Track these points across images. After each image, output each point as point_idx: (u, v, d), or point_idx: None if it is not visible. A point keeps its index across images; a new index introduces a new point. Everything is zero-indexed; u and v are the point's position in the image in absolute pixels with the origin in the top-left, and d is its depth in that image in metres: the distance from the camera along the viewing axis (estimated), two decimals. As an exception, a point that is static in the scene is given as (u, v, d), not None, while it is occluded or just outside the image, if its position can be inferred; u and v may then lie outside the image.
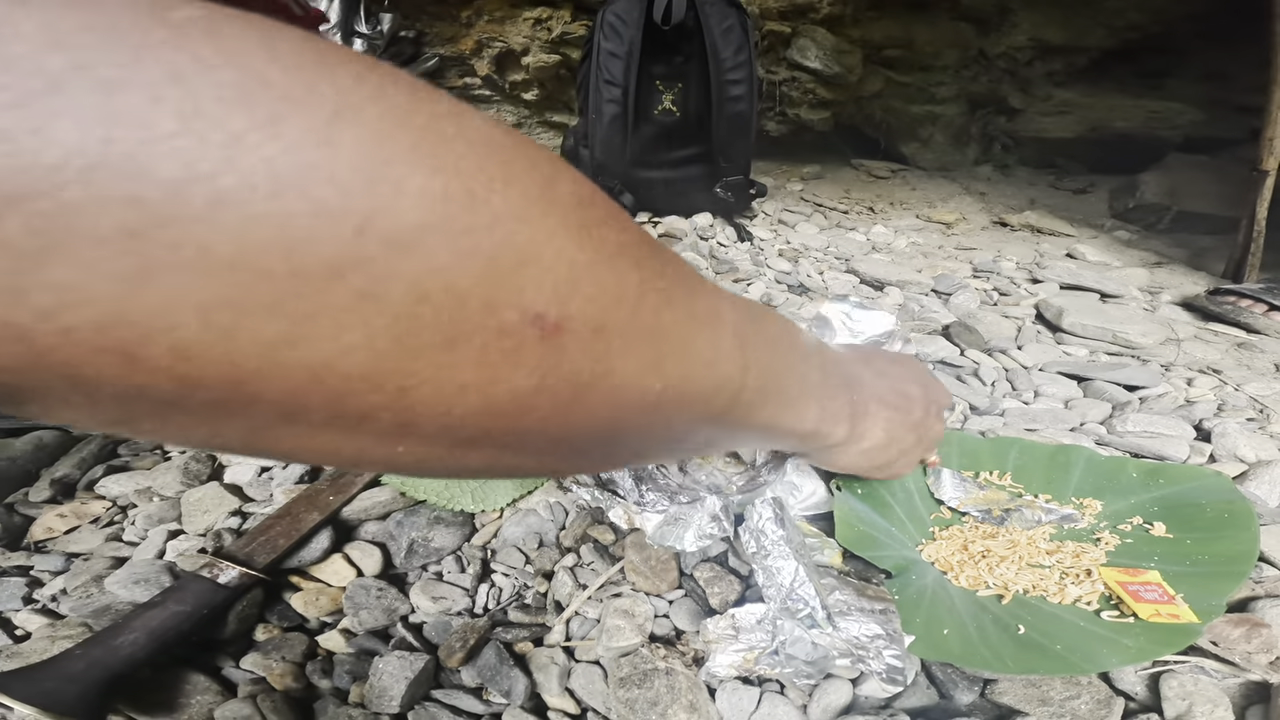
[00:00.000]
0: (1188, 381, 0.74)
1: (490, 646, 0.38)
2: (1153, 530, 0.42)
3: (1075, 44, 1.79)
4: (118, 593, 0.41)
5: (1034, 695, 0.34)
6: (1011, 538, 0.41)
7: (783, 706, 0.35)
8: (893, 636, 0.32)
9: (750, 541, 0.37)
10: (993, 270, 1.10)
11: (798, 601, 0.33)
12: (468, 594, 0.42)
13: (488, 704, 0.36)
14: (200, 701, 0.35)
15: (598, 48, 1.05)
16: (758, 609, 0.36)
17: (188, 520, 0.47)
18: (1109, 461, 0.49)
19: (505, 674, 0.37)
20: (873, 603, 0.34)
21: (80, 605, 0.40)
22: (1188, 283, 1.15)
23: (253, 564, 0.41)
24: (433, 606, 0.41)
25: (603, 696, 0.36)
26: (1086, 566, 0.39)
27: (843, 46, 1.69)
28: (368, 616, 0.40)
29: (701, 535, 0.40)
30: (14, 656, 0.37)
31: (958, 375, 0.71)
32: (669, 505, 0.43)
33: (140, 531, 0.47)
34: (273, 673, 0.37)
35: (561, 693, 0.37)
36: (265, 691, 0.36)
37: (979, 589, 0.38)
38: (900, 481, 0.46)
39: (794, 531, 0.37)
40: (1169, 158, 1.67)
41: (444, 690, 0.37)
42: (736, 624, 0.36)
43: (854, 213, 1.48)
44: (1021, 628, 0.35)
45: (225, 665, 0.38)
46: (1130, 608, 0.35)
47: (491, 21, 1.60)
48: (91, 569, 0.43)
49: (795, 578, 0.34)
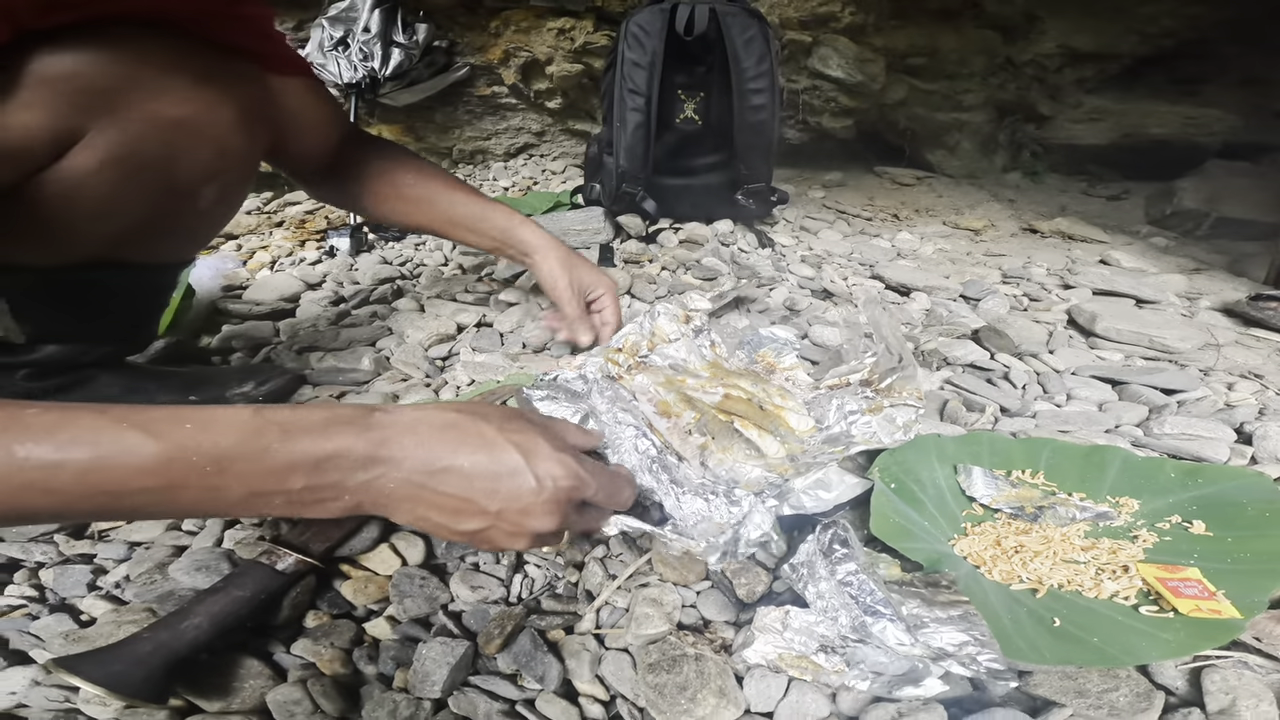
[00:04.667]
0: (1228, 386, 0.73)
1: (525, 634, 0.39)
2: (1192, 529, 0.42)
3: (1107, 51, 1.77)
4: (180, 579, 0.43)
5: (1070, 687, 0.34)
6: (1045, 534, 0.41)
7: (811, 695, 0.35)
8: (983, 640, 0.32)
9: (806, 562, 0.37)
10: (1023, 276, 1.09)
11: (874, 616, 0.33)
12: (503, 584, 0.44)
13: (522, 689, 0.37)
14: (253, 685, 0.37)
15: (621, 57, 1.08)
16: (809, 616, 0.36)
17: (242, 511, 0.49)
18: (1146, 462, 0.49)
19: (539, 660, 0.38)
20: (947, 609, 0.34)
21: (144, 591, 0.43)
22: (1228, 289, 1.12)
23: (309, 551, 0.42)
24: (471, 595, 0.42)
25: (631, 683, 0.37)
26: (1123, 563, 0.39)
27: (865, 55, 1.69)
28: (412, 605, 0.41)
29: (749, 544, 0.40)
30: (80, 641, 0.39)
31: (988, 378, 0.71)
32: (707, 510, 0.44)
33: (198, 521, 0.49)
34: (322, 658, 0.38)
35: (592, 679, 0.38)
36: (315, 676, 0.37)
37: (1012, 583, 0.38)
38: (931, 478, 0.46)
39: (860, 550, 0.37)
40: (1207, 164, 1.63)
41: (481, 676, 0.38)
42: (788, 621, 0.36)
43: (878, 220, 1.48)
44: (1057, 620, 0.35)
45: (277, 651, 0.39)
46: (1170, 603, 0.35)
47: (518, 31, 1.64)
48: (154, 557, 0.45)
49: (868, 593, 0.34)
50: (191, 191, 0.57)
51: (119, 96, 0.48)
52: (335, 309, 0.91)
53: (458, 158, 1.94)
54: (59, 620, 0.42)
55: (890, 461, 0.46)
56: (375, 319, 0.86)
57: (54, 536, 0.49)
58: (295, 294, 0.97)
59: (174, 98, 0.50)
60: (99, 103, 0.47)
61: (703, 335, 0.68)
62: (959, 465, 0.48)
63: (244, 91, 0.55)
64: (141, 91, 0.48)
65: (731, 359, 0.67)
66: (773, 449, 0.49)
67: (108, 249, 0.55)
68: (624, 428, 0.49)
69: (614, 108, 1.11)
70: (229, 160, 0.57)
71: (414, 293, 0.95)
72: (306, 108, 0.65)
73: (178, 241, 0.64)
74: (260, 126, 0.60)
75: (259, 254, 1.22)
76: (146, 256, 0.59)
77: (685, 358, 0.64)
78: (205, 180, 0.57)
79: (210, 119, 0.52)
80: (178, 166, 0.53)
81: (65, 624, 0.41)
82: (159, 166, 0.52)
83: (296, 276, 1.03)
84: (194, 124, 0.51)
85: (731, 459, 0.48)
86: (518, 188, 1.68)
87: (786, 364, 0.64)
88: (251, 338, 0.81)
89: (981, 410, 0.63)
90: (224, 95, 0.53)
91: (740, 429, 0.51)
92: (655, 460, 0.46)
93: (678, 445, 0.50)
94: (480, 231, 0.73)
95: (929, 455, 0.48)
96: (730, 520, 0.42)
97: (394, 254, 1.16)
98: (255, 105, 0.57)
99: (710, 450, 0.50)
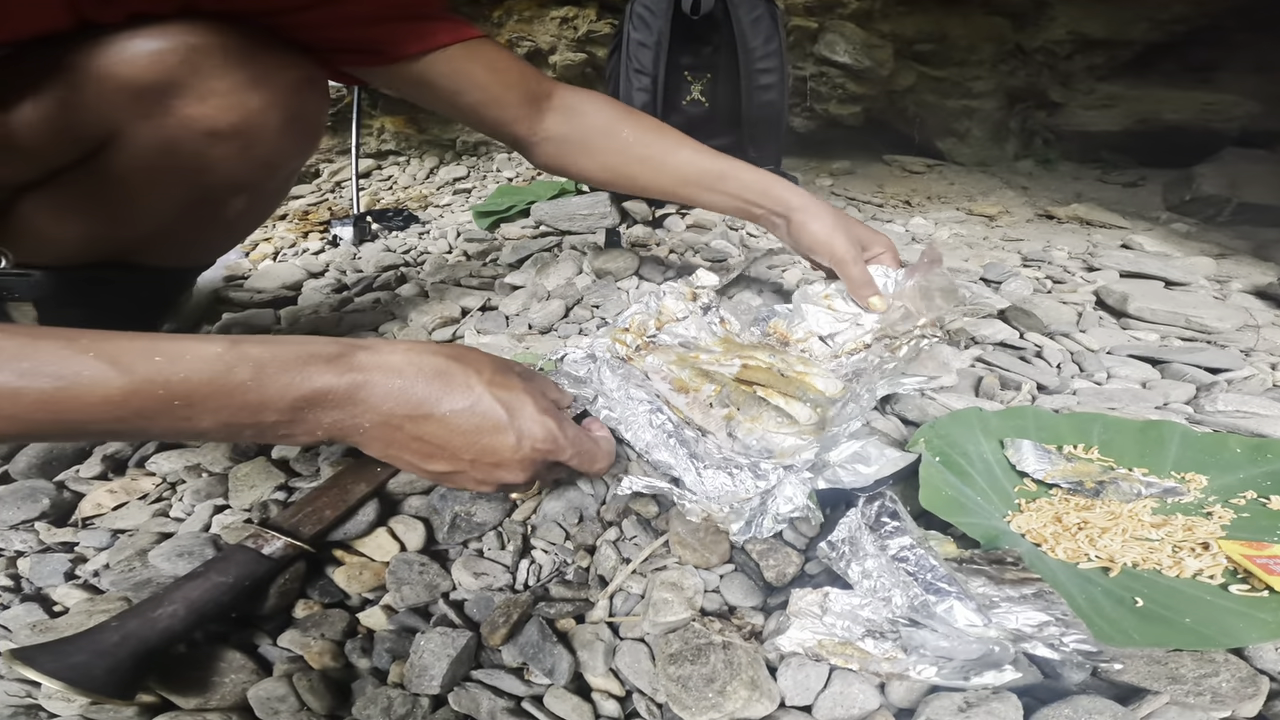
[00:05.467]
0: (1271, 366, 0.69)
1: (533, 623, 0.35)
2: (1270, 504, 0.38)
3: (1118, 37, 1.74)
4: (160, 565, 0.39)
5: (1161, 673, 0.30)
6: (1110, 510, 0.38)
7: (858, 685, 0.31)
8: (1066, 620, 0.28)
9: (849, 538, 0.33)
10: (1043, 259, 1.05)
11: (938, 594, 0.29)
12: (508, 570, 0.40)
13: (529, 684, 0.34)
14: (234, 680, 0.33)
15: (627, 38, 1.05)
16: (853, 598, 0.32)
17: (234, 495, 0.46)
18: (1206, 437, 0.45)
19: (548, 651, 0.34)
20: (1019, 588, 0.30)
21: (121, 579, 0.39)
22: (1256, 273, 1.08)
23: (298, 535, 0.39)
24: (474, 583, 0.39)
25: (649, 677, 0.33)
26: (1202, 540, 0.35)
27: (872, 41, 1.66)
28: (410, 592, 0.38)
29: (779, 519, 0.37)
30: (47, 632, 0.35)
31: (1021, 356, 0.67)
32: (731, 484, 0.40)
33: (187, 507, 0.46)
34: (310, 651, 0.35)
35: (606, 673, 0.34)
36: (302, 670, 0.34)
37: (1079, 561, 0.34)
38: (978, 451, 0.42)
39: (912, 523, 0.33)
40: (1224, 151, 1.59)
41: (484, 670, 0.34)
42: (827, 604, 0.32)
43: (889, 206, 1.44)
44: (1139, 600, 0.31)
45: (262, 643, 0.36)
46: (1263, 581, 0.31)
47: (520, 21, 1.62)
48: (136, 544, 0.42)
49: (928, 569, 0.30)
50: (221, 200, 0.54)
51: (155, 99, 0.45)
52: (338, 296, 0.88)
53: (461, 149, 1.91)
54: (29, 610, 0.38)
55: (932, 434, 0.43)
56: (378, 305, 0.83)
57: (35, 525, 0.45)
58: (297, 282, 0.94)
59: (215, 104, 0.46)
60: (134, 104, 0.45)
61: (711, 312, 0.64)
62: (1006, 439, 0.44)
63: (292, 99, 0.51)
64: (180, 96, 0.45)
65: (744, 335, 0.64)
66: (803, 415, 0.45)
67: (126, 251, 0.53)
68: (637, 404, 0.45)
69: (620, 89, 1.08)
70: (265, 171, 0.54)
71: (418, 279, 0.91)
72: (486, 70, 0.58)
73: (200, 248, 0.62)
74: (305, 138, 0.56)
75: (262, 245, 1.19)
76: (165, 261, 0.57)
77: (695, 335, 0.60)
78: (236, 190, 0.54)
79: (250, 129, 0.49)
80: (210, 175, 0.50)
81: (36, 614, 0.38)
82: (190, 174, 0.50)
83: (299, 266, 1.00)
84: (232, 133, 0.48)
85: (762, 428, 0.45)
86: (522, 178, 1.65)
87: (800, 335, 0.61)
88: (252, 325, 0.78)
89: (1018, 388, 0.59)
90: (269, 103, 0.49)
91: (765, 397, 0.47)
92: (672, 435, 0.43)
93: (700, 420, 0.46)
94: (721, 190, 0.65)
95: (973, 428, 0.44)
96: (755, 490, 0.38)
97: (397, 242, 1.13)
98: (302, 114, 0.53)
99: (737, 420, 0.46)
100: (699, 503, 0.37)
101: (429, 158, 1.88)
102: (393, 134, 1.93)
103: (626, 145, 0.63)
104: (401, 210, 1.29)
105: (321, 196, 1.58)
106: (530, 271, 0.88)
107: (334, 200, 1.54)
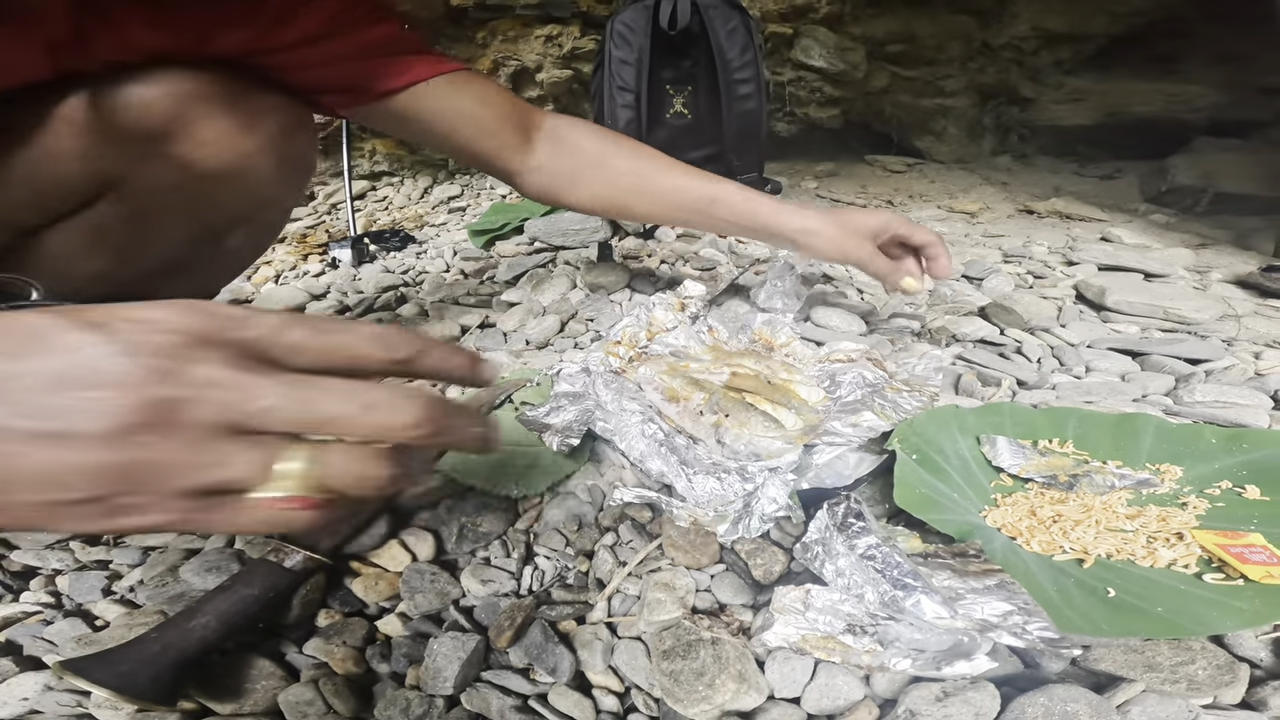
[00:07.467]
0: (1254, 355, 0.71)
1: (536, 625, 0.38)
2: (1245, 494, 0.40)
3: (1080, 31, 1.78)
4: (191, 580, 0.42)
5: (1138, 661, 0.31)
6: (1084, 502, 0.39)
7: (842, 677, 0.33)
8: (1028, 609, 0.30)
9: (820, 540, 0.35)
10: (1024, 255, 1.08)
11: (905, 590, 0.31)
12: (513, 576, 0.42)
13: (534, 683, 0.36)
14: (265, 686, 0.35)
15: (609, 56, 1.08)
16: (832, 594, 0.34)
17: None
18: (1182, 428, 0.47)
19: (551, 651, 0.37)
20: (982, 580, 0.32)
21: (156, 594, 0.42)
22: (1237, 262, 1.10)
23: (316, 548, 0.41)
24: (482, 589, 0.41)
25: (645, 672, 0.35)
26: (1176, 530, 0.36)
27: (845, 44, 1.70)
28: (423, 600, 0.40)
29: (765, 519, 0.39)
30: (92, 644, 0.38)
31: (1000, 353, 0.70)
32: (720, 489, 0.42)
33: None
34: (334, 657, 0.37)
35: (605, 670, 0.36)
36: (327, 676, 0.36)
37: (1054, 554, 0.36)
38: (954, 448, 0.44)
39: (875, 523, 0.35)
40: (1197, 141, 1.62)
41: (493, 671, 0.37)
42: (809, 600, 0.34)
43: (872, 206, 1.47)
44: (1111, 591, 0.33)
45: (289, 650, 0.38)
46: (1237, 570, 0.33)
47: (505, 41, 1.65)
48: (166, 560, 0.44)
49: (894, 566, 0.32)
50: (222, 235, 0.56)
51: (150, 146, 0.46)
52: (341, 318, 0.90)
53: (454, 168, 1.94)
54: (72, 625, 0.41)
55: (909, 432, 0.45)
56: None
57: (70, 544, 0.48)
58: (300, 305, 0.96)
59: (210, 149, 0.48)
60: (132, 150, 0.46)
61: (700, 321, 0.67)
62: (982, 436, 0.46)
63: (283, 143, 0.52)
64: (175, 142, 0.47)
65: (732, 342, 0.66)
66: (790, 421, 0.48)
67: (125, 287, 0.54)
68: (629, 415, 0.47)
69: (604, 106, 1.11)
70: (263, 207, 0.56)
71: (417, 299, 0.94)
72: (475, 103, 0.59)
73: (205, 278, 0.63)
74: (298, 175, 0.57)
75: (263, 269, 1.21)
76: (175, 291, 0.59)
77: (685, 344, 0.63)
78: (234, 227, 0.56)
79: (245, 171, 0.50)
80: (208, 216, 0.52)
81: (79, 628, 0.40)
82: (189, 215, 0.51)
83: (301, 288, 1.02)
84: (228, 175, 0.50)
85: (749, 433, 0.47)
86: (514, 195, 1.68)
87: (783, 339, 0.63)
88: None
89: (997, 384, 0.61)
90: (261, 147, 0.50)
91: (753, 404, 0.50)
92: (663, 443, 0.45)
93: (690, 428, 0.49)
94: (713, 215, 0.65)
95: (949, 426, 0.47)
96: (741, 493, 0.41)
97: (396, 263, 1.15)
98: (293, 155, 0.55)
99: (725, 427, 0.48)
100: (685, 508, 0.39)
101: (422, 177, 1.91)
102: (384, 155, 1.96)
103: (617, 175, 0.65)
104: (398, 231, 1.32)
105: (318, 219, 1.61)
106: (526, 288, 0.90)
107: (330, 222, 1.57)
